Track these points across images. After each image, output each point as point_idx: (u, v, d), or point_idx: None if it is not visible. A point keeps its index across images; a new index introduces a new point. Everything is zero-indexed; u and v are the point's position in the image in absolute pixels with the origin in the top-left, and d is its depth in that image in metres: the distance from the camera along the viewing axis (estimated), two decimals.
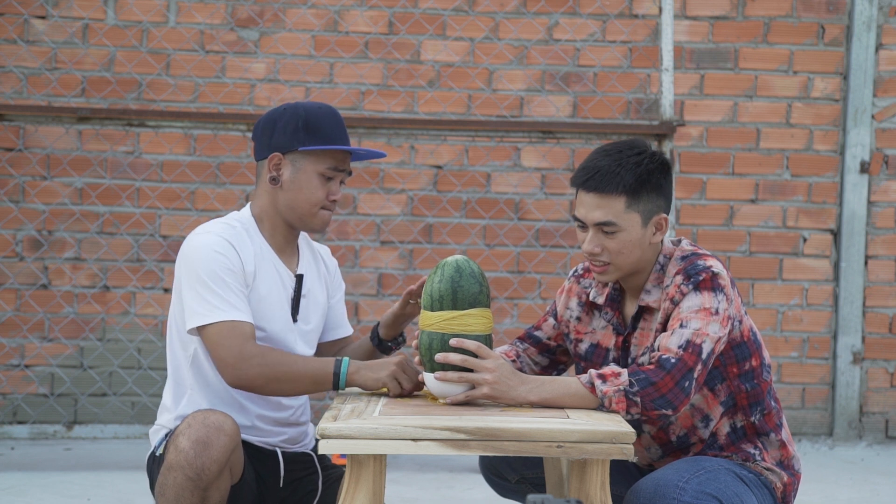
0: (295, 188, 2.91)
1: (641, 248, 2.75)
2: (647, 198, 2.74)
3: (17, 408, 5.26)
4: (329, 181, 2.92)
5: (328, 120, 2.92)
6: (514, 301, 5.43)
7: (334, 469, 3.07)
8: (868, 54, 5.47)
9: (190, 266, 2.82)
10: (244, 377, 2.74)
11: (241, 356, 2.73)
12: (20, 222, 5.27)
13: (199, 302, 2.78)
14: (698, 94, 5.49)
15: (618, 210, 2.72)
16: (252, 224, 2.95)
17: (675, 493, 2.60)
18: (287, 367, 2.75)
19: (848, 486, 4.71)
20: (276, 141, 2.92)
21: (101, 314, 5.30)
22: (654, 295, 2.78)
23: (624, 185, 2.71)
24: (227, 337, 2.75)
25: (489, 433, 2.38)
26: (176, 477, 2.61)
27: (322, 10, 5.37)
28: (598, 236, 2.74)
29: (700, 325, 2.64)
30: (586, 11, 5.43)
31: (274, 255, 2.95)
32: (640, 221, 2.73)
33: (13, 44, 5.26)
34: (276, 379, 2.75)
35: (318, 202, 2.91)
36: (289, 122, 2.92)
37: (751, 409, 2.80)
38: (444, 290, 2.65)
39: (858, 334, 5.51)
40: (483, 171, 5.43)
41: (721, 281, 2.70)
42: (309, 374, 2.76)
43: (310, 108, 2.93)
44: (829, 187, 5.53)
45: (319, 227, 2.95)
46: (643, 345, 2.79)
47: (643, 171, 2.73)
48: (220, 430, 2.63)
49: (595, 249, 2.74)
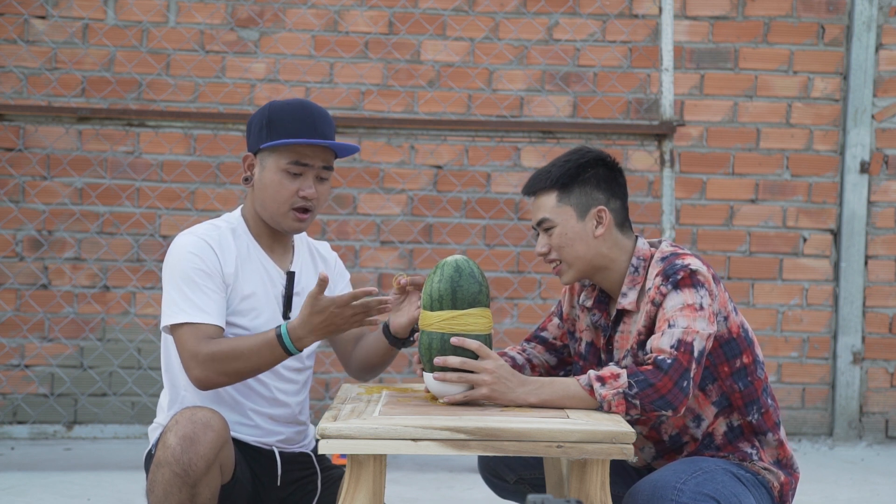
0: (262, 187, 2.89)
1: (585, 242, 2.80)
2: (579, 191, 2.80)
3: (17, 408, 5.26)
4: (296, 177, 2.87)
5: (291, 114, 2.86)
6: (514, 301, 5.43)
7: (334, 469, 3.07)
8: (868, 54, 5.48)
9: (168, 266, 2.86)
10: (200, 376, 2.76)
11: (194, 357, 2.75)
12: (20, 222, 5.27)
13: (168, 302, 2.82)
14: (698, 94, 5.49)
15: (549, 206, 2.81)
16: (241, 223, 2.96)
17: (673, 494, 2.60)
18: (236, 356, 2.74)
19: (848, 486, 4.71)
20: (250, 142, 2.93)
21: (101, 314, 5.30)
22: (630, 297, 2.79)
23: (551, 180, 2.81)
24: (187, 339, 2.77)
25: (489, 433, 2.38)
26: (164, 473, 2.61)
27: (322, 10, 5.37)
28: (543, 237, 2.84)
29: (688, 323, 2.64)
30: (586, 11, 5.43)
31: (262, 253, 2.94)
32: (574, 214, 2.80)
33: (13, 44, 5.26)
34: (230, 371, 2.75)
35: (285, 200, 2.87)
36: (257, 121, 2.91)
37: (747, 409, 2.80)
38: (444, 290, 2.65)
39: (858, 334, 5.51)
40: (483, 171, 5.43)
41: (700, 277, 2.70)
42: (257, 354, 2.74)
43: (276, 105, 2.89)
44: (829, 187, 5.53)
45: (290, 228, 2.91)
46: (623, 347, 2.81)
47: (572, 166, 2.81)
48: (207, 426, 2.63)
49: (542, 249, 2.83)
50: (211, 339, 2.77)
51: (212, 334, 2.78)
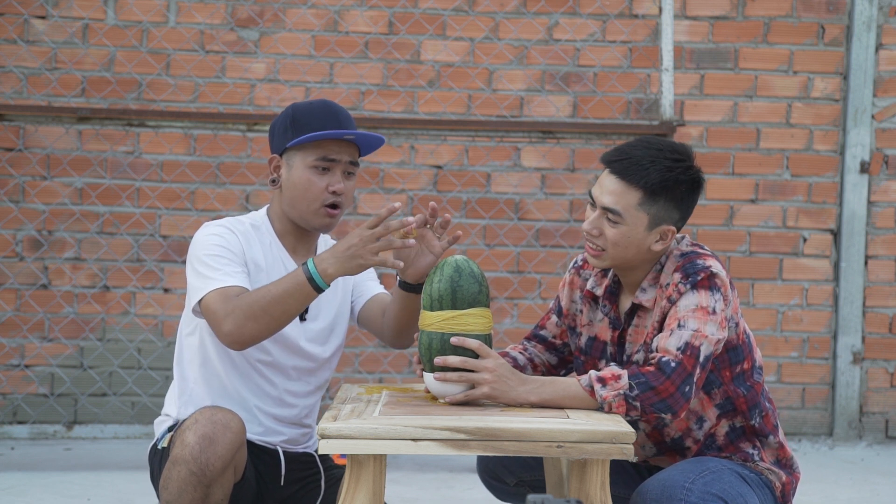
0: (291, 186, 2.89)
1: (639, 250, 2.72)
2: (663, 204, 2.69)
3: (17, 408, 5.26)
4: (324, 173, 2.87)
5: (316, 112, 2.87)
6: (514, 301, 5.43)
7: (337, 469, 3.07)
8: (868, 54, 5.47)
9: (191, 252, 2.85)
10: (231, 329, 2.71)
11: (225, 313, 2.71)
12: (20, 222, 5.27)
13: (197, 277, 2.79)
14: (698, 94, 5.49)
15: (628, 203, 2.68)
16: (265, 222, 2.96)
17: (682, 493, 2.59)
18: (262, 295, 2.71)
19: (848, 486, 4.71)
20: (275, 143, 2.93)
21: (101, 314, 5.30)
22: (650, 294, 2.75)
23: (646, 181, 2.67)
24: (216, 301, 2.74)
25: (489, 433, 2.38)
26: (180, 471, 2.61)
27: (322, 10, 5.37)
28: (600, 220, 2.71)
29: (698, 326, 2.62)
30: (586, 11, 5.43)
31: (285, 253, 2.94)
32: (646, 223, 2.69)
33: (13, 44, 5.26)
34: (259, 314, 2.70)
35: (315, 197, 2.86)
36: (282, 122, 2.91)
37: (750, 413, 2.80)
38: (444, 290, 2.65)
39: (858, 334, 5.51)
40: (483, 171, 5.43)
41: (718, 281, 2.67)
42: (282, 287, 2.70)
43: (301, 105, 2.90)
44: (829, 187, 5.53)
45: (321, 225, 2.91)
46: (637, 342, 2.78)
47: (671, 178, 2.68)
48: (227, 427, 2.64)
49: (593, 231, 2.72)
50: (237, 295, 2.75)
51: (236, 292, 2.76)
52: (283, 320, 2.73)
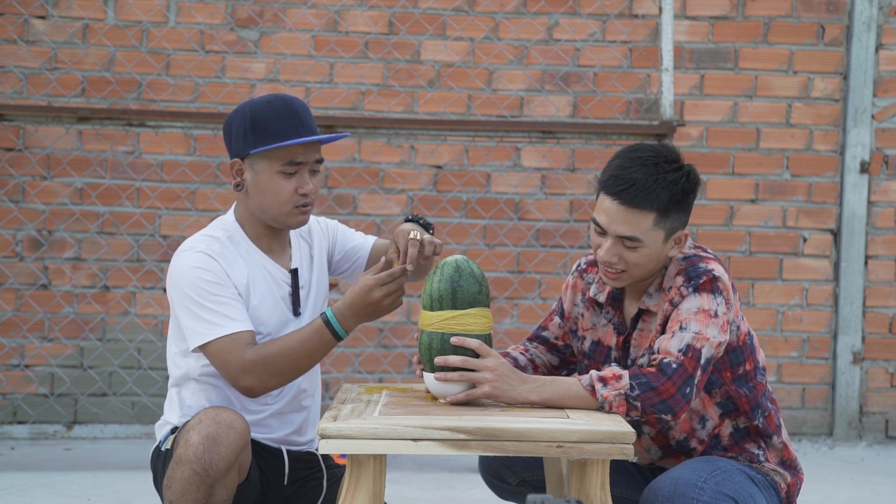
0: (259, 191, 2.86)
1: (658, 261, 2.72)
2: (675, 216, 2.69)
3: (17, 408, 5.26)
4: (292, 176, 2.85)
5: (274, 114, 2.83)
6: (514, 301, 5.43)
7: (338, 468, 3.07)
8: (868, 54, 5.47)
9: (178, 288, 2.81)
10: (252, 384, 2.74)
11: (243, 368, 2.73)
12: (20, 222, 5.27)
13: (196, 321, 2.77)
14: (698, 94, 5.49)
15: (645, 227, 2.66)
16: (237, 229, 2.92)
17: (694, 492, 2.59)
18: (286, 353, 2.73)
19: (848, 486, 4.71)
20: (234, 147, 2.88)
21: (101, 314, 5.30)
22: (656, 299, 2.75)
23: (658, 203, 2.65)
24: (228, 352, 2.74)
25: (489, 433, 2.38)
26: (184, 471, 2.61)
27: (322, 10, 5.37)
28: (617, 247, 2.68)
29: (700, 328, 2.62)
30: (586, 11, 5.43)
31: (263, 256, 2.93)
32: (662, 237, 2.69)
33: (13, 44, 5.26)
34: (283, 370, 2.74)
35: (287, 200, 2.85)
36: (239, 125, 2.86)
37: (753, 413, 2.79)
38: (444, 290, 2.65)
39: (858, 334, 5.51)
40: (483, 171, 5.43)
41: (720, 284, 2.67)
42: (307, 345, 2.74)
43: (255, 107, 2.84)
44: (829, 187, 5.53)
45: (295, 223, 2.90)
46: (643, 346, 2.79)
47: (678, 191, 2.67)
48: (231, 427, 2.64)
49: (612, 259, 2.69)
50: (252, 345, 2.75)
51: (249, 340, 2.76)
52: (304, 370, 2.80)
